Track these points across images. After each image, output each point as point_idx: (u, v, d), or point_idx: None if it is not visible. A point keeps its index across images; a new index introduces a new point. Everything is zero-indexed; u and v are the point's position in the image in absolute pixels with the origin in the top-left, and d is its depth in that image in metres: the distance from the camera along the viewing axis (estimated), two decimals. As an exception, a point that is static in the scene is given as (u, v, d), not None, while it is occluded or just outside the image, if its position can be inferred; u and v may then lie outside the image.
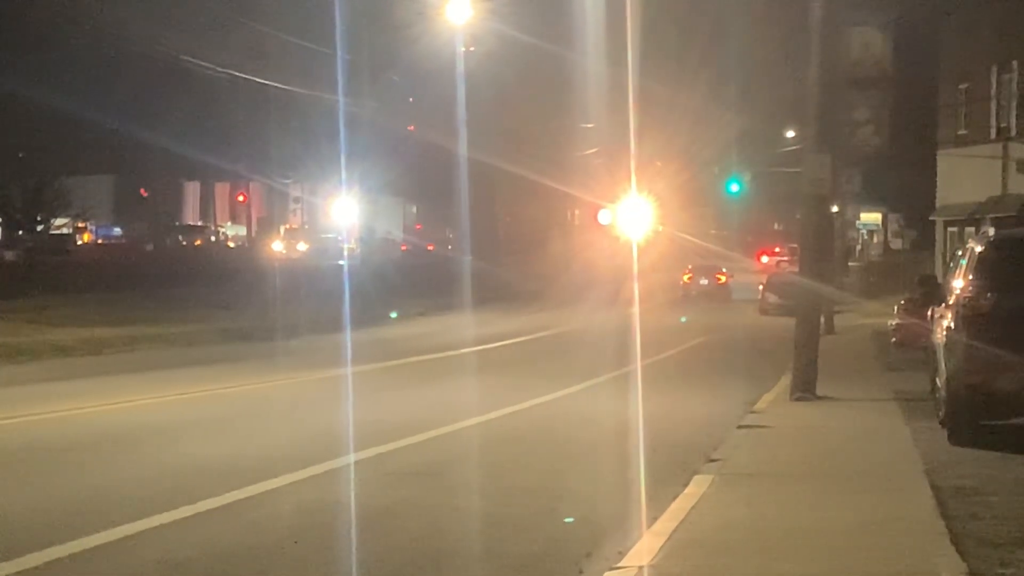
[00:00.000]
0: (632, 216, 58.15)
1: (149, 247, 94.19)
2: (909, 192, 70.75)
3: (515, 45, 66.03)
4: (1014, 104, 44.68)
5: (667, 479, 13.61)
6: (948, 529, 10.68)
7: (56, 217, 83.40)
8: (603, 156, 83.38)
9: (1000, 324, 15.39)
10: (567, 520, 11.79)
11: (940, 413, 17.16)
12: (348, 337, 34.48)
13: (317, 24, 58.03)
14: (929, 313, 19.48)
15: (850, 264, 74.43)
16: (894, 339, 30.67)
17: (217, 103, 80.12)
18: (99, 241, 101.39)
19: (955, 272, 17.70)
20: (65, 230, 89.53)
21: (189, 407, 20.54)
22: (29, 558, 10.05)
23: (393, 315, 48.08)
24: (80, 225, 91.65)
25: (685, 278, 68.60)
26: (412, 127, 64.27)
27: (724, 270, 71.40)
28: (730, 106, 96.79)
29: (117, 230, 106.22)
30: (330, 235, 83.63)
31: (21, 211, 76.31)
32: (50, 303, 42.28)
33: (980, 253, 16.14)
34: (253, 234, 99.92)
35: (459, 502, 12.64)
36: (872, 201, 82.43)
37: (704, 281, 66.78)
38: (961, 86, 49.00)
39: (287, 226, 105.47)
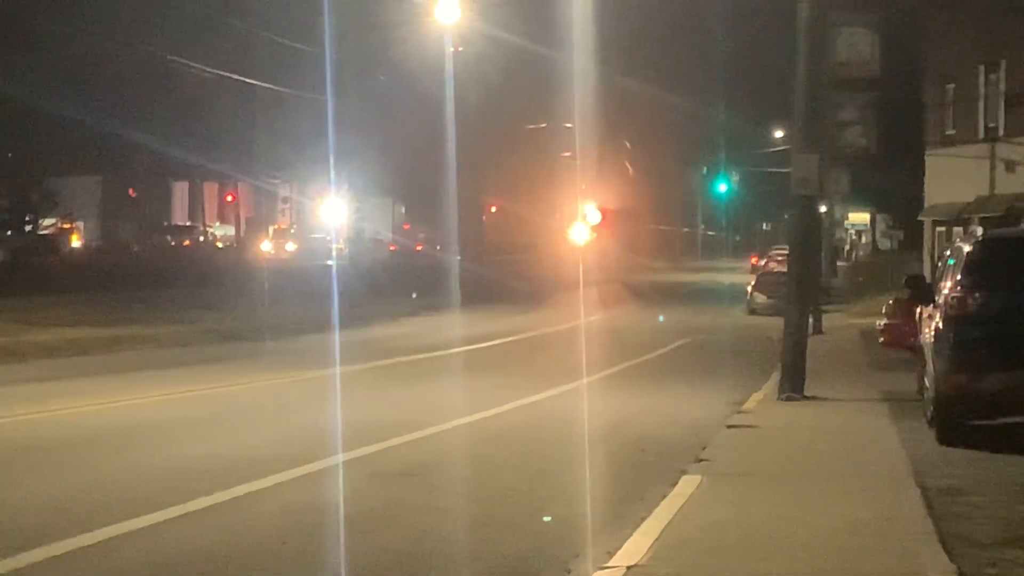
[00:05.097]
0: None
1: (136, 248, 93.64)
2: (897, 192, 70.88)
3: (503, 46, 66.07)
4: (1001, 104, 44.69)
5: (655, 479, 13.60)
6: (936, 529, 10.69)
7: (44, 218, 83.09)
8: (586, 156, 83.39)
9: (988, 324, 15.40)
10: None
11: (928, 413, 17.16)
12: (336, 337, 34.44)
13: (304, 24, 58.02)
14: (917, 313, 19.48)
15: (838, 264, 74.56)
16: (882, 339, 30.66)
17: (204, 103, 79.99)
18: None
19: (943, 272, 17.70)
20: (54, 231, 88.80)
21: (176, 407, 20.47)
22: (14, 559, 10.00)
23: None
24: (66, 226, 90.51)
25: (753, 260, 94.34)
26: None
27: (767, 253, 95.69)
28: (719, 106, 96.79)
29: None
30: (319, 235, 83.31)
31: (8, 211, 76.16)
32: (37, 303, 42.13)
33: (968, 253, 16.14)
34: (242, 234, 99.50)
35: (446, 503, 12.60)
36: (860, 201, 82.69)
37: (770, 264, 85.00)
38: (948, 86, 49.00)
39: (276, 226, 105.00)
